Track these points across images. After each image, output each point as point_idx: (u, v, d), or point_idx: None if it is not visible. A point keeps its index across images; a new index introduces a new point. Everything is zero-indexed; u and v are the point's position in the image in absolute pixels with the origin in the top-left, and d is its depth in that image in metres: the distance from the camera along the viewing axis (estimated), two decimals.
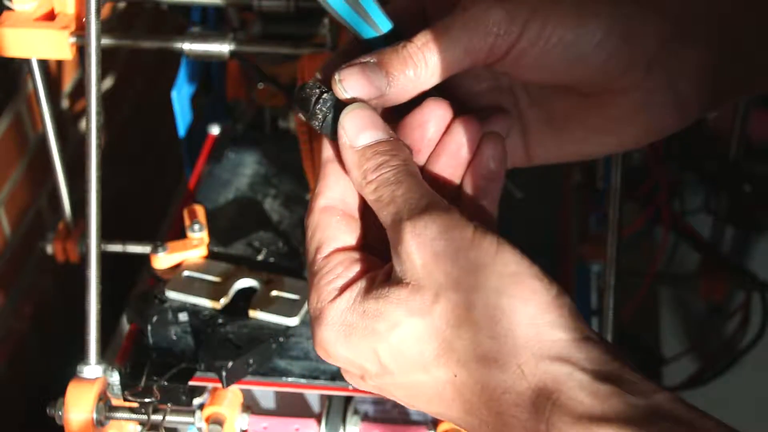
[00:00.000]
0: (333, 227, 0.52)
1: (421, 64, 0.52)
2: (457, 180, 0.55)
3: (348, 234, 0.53)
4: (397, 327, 0.48)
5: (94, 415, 0.75)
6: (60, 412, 0.75)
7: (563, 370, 0.46)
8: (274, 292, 0.84)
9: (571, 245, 1.01)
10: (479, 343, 0.47)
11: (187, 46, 0.85)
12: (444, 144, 0.54)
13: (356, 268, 0.51)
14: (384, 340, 0.48)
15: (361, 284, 0.50)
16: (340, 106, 0.52)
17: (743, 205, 1.31)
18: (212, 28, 1.05)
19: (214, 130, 1.09)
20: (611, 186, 0.81)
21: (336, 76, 0.52)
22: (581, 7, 0.53)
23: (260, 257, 0.90)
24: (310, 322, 0.51)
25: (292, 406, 0.85)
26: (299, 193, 0.98)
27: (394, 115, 0.55)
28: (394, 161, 0.51)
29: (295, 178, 0.98)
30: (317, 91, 0.52)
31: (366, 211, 0.53)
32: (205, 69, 1.11)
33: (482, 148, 0.54)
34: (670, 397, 0.45)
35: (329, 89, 0.52)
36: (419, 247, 0.48)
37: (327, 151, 0.54)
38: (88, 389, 0.76)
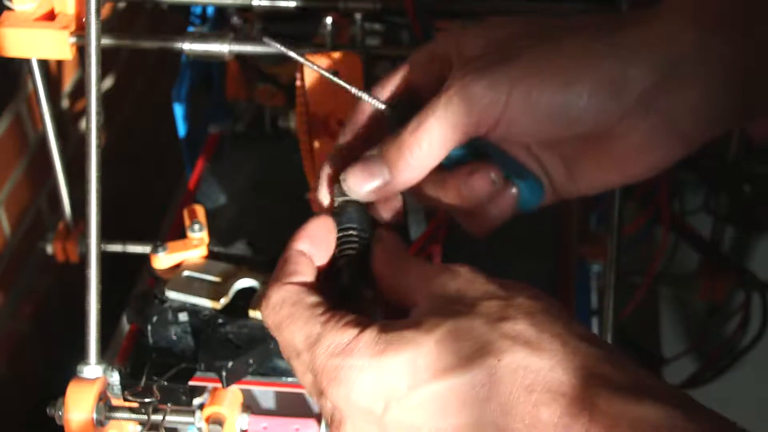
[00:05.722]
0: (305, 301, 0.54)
1: (416, 149, 0.55)
2: None
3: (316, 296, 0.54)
4: (431, 334, 0.49)
5: (94, 415, 0.75)
6: (60, 412, 0.75)
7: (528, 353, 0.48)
8: None
9: (571, 245, 1.01)
10: (453, 345, 0.49)
11: (187, 46, 0.85)
12: None
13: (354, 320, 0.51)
14: (423, 345, 0.48)
15: (377, 326, 0.50)
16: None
17: (743, 205, 1.31)
18: (212, 28, 1.05)
19: (214, 130, 1.09)
20: None
21: (341, 177, 0.57)
22: (563, 72, 0.55)
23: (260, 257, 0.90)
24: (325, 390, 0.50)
25: (292, 406, 0.85)
26: (299, 193, 0.98)
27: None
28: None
29: (295, 178, 0.98)
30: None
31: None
32: (205, 69, 1.11)
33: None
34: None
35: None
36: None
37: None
38: (88, 389, 0.76)
